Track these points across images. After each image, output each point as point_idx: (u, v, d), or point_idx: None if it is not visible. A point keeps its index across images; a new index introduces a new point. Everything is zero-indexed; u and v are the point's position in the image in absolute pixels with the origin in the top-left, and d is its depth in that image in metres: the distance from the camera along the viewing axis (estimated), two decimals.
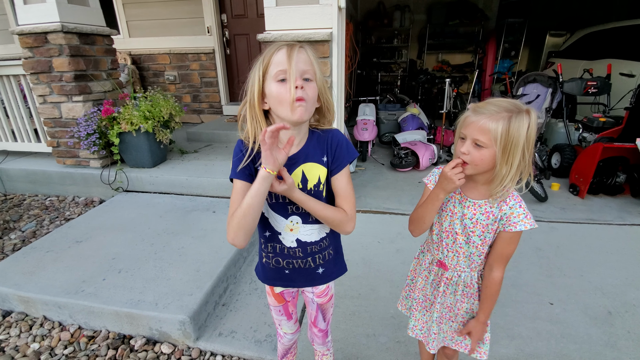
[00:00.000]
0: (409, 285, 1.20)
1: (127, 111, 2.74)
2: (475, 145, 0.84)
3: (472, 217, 0.93)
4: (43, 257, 1.98)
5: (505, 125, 0.80)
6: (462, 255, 0.99)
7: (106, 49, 2.98)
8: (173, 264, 1.90)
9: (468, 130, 0.85)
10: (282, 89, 0.75)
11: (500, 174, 0.84)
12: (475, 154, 0.84)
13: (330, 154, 0.88)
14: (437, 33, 7.24)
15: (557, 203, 2.83)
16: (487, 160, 0.84)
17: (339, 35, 2.27)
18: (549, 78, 3.94)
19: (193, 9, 4.43)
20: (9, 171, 3.10)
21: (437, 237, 1.03)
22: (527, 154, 0.83)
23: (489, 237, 0.94)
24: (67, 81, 2.70)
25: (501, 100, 0.84)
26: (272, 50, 0.77)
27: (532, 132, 0.82)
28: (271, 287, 1.05)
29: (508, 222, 0.90)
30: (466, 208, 0.94)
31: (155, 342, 1.61)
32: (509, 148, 0.81)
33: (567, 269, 1.98)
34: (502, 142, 0.81)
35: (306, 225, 0.92)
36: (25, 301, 1.72)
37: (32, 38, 2.56)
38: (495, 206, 0.91)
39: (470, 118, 0.85)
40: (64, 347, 1.58)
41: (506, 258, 0.94)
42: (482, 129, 0.82)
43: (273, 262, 0.98)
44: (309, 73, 0.77)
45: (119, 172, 2.87)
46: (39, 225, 2.58)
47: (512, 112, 0.81)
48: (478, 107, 0.85)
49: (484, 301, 0.99)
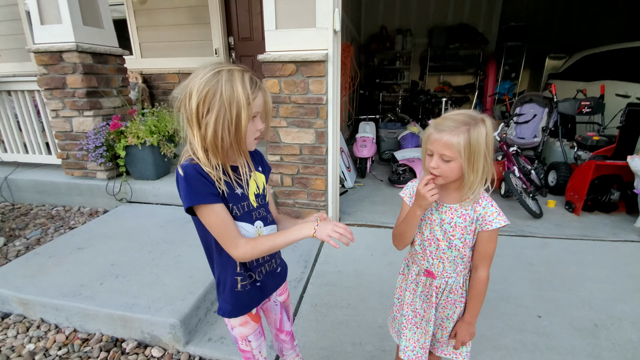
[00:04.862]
0: (397, 305, 1.19)
1: (134, 125, 2.88)
2: (442, 160, 0.90)
3: (451, 221, 0.98)
4: (45, 262, 2.05)
5: (466, 137, 0.87)
6: (446, 261, 1.02)
7: (118, 68, 3.16)
8: (169, 271, 1.95)
9: (434, 146, 0.91)
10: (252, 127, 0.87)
11: (469, 181, 0.92)
12: (444, 167, 0.91)
13: (262, 165, 1.03)
14: (438, 56, 7.45)
15: (552, 220, 2.84)
16: (455, 171, 0.91)
17: (335, 56, 2.40)
18: (545, 98, 4.04)
19: (202, 32, 4.67)
20: (18, 181, 3.23)
21: (420, 246, 1.06)
22: (489, 157, 0.91)
23: (468, 238, 0.98)
24: (79, 97, 2.86)
25: (457, 114, 0.91)
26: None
27: (490, 138, 0.90)
28: (249, 313, 1.01)
29: (484, 221, 0.96)
30: (443, 213, 0.99)
31: (147, 346, 1.64)
32: (472, 157, 0.88)
33: (557, 284, 1.98)
34: (465, 153, 0.88)
35: (267, 227, 0.99)
36: (24, 303, 1.79)
37: (47, 56, 2.75)
38: (469, 208, 0.97)
39: (434, 135, 0.91)
40: (58, 348, 1.63)
41: (489, 257, 0.99)
42: (446, 144, 0.88)
43: (249, 282, 0.97)
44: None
45: (123, 183, 2.98)
46: (44, 233, 2.67)
47: (470, 124, 0.88)
48: (438, 124, 0.91)
49: (471, 301, 1.02)
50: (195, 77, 0.81)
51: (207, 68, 0.82)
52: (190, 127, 0.83)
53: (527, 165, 3.52)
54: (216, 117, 0.78)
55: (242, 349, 1.04)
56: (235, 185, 0.89)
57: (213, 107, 0.78)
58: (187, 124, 0.83)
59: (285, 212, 2.78)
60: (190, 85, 0.81)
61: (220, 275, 0.96)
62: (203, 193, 0.82)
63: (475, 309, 1.02)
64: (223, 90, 0.78)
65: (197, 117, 0.80)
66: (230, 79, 0.79)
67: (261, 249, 0.87)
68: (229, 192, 0.87)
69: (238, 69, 0.82)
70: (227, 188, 0.86)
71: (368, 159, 4.17)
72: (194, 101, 0.79)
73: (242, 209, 0.91)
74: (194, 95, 0.79)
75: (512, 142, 4.00)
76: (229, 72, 0.80)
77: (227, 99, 0.78)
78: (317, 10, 2.26)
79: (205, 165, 0.83)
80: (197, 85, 0.79)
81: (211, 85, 0.78)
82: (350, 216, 2.96)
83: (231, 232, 0.85)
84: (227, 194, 0.86)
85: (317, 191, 2.67)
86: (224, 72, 0.80)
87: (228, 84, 0.78)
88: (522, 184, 3.10)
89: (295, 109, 2.48)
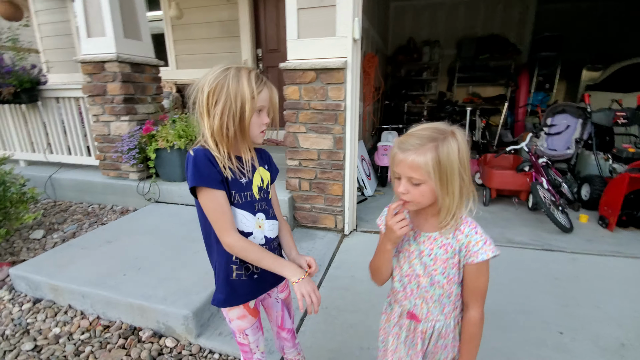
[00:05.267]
0: (381, 350, 1.04)
1: (164, 130, 3.06)
2: (411, 183, 0.78)
3: (430, 253, 0.85)
4: (76, 254, 2.21)
5: (434, 156, 0.75)
6: (430, 301, 0.88)
7: (153, 77, 3.39)
8: (186, 266, 2.04)
9: (399, 168, 0.79)
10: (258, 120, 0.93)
11: (445, 205, 0.79)
12: (414, 192, 0.79)
13: (268, 164, 1.08)
14: (467, 67, 7.32)
15: (582, 234, 2.68)
16: (427, 195, 0.79)
17: (354, 64, 2.44)
18: (579, 108, 3.86)
19: (233, 45, 4.91)
20: (61, 180, 3.51)
21: (399, 283, 0.92)
22: (465, 175, 0.79)
23: (452, 273, 0.85)
24: (117, 103, 3.09)
25: (423, 129, 0.80)
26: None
27: (464, 152, 0.78)
28: (246, 305, 1.02)
29: (468, 252, 0.82)
30: (422, 244, 0.86)
31: (161, 336, 1.72)
32: (445, 178, 0.76)
33: (583, 299, 1.86)
34: (436, 174, 0.76)
35: (269, 220, 1.02)
36: (55, 289, 1.93)
37: (92, 66, 3.01)
38: (451, 237, 0.83)
39: (398, 155, 0.79)
40: (81, 333, 1.74)
41: (479, 294, 0.85)
42: (412, 166, 0.76)
43: (245, 272, 0.98)
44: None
45: (152, 184, 3.16)
46: (79, 227, 2.88)
47: (437, 140, 0.76)
48: (402, 142, 0.80)
49: (464, 346, 0.88)
50: (208, 74, 0.90)
51: (218, 67, 0.91)
52: (201, 117, 0.91)
53: (557, 177, 3.36)
54: (222, 108, 0.87)
55: (240, 342, 1.06)
56: (239, 174, 0.94)
57: (220, 98, 0.86)
58: (199, 115, 0.92)
59: (302, 216, 2.82)
60: (203, 81, 0.89)
61: (216, 263, 0.99)
62: (208, 177, 0.88)
63: (469, 355, 0.88)
64: (230, 84, 0.86)
65: (207, 108, 0.88)
66: (237, 75, 0.88)
67: (250, 254, 0.92)
68: (232, 178, 0.92)
69: (245, 67, 0.91)
70: (232, 174, 0.92)
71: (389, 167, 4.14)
72: (204, 94, 0.88)
73: (244, 198, 0.96)
74: (205, 88, 0.87)
75: (542, 153, 3.83)
76: (236, 69, 0.89)
77: (233, 92, 0.86)
78: (337, 19, 2.33)
79: (214, 151, 0.90)
80: (208, 81, 0.88)
81: (220, 79, 0.87)
82: (367, 223, 2.94)
83: (227, 220, 0.90)
84: (230, 179, 0.92)
85: (334, 196, 2.69)
86: (232, 69, 0.89)
87: (235, 79, 0.87)
88: (550, 196, 2.96)
89: (314, 115, 2.54)
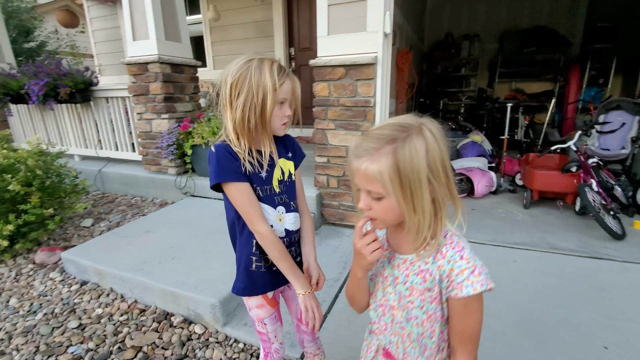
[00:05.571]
0: None
1: (200, 127, 3.20)
2: (372, 197, 0.63)
3: (405, 280, 0.69)
4: (119, 241, 2.38)
5: (390, 162, 0.58)
6: (407, 340, 0.71)
7: (191, 77, 3.55)
8: (217, 257, 2.12)
9: (356, 179, 0.65)
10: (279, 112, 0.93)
11: (414, 225, 0.62)
12: (377, 207, 0.64)
13: (292, 151, 1.06)
14: (509, 61, 6.90)
15: (637, 242, 2.42)
16: (392, 211, 0.63)
17: (384, 59, 2.40)
18: (636, 104, 3.51)
19: (266, 44, 5.02)
20: (109, 174, 3.79)
21: (374, 313, 0.78)
22: (439, 182, 0.61)
23: (432, 308, 0.67)
24: (158, 102, 3.28)
25: (383, 127, 0.63)
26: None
27: (435, 152, 0.60)
28: (264, 294, 1.03)
29: (450, 283, 0.64)
30: (396, 268, 0.71)
31: (191, 322, 1.80)
32: (408, 190, 0.59)
33: (633, 313, 1.69)
34: (395, 186, 0.59)
35: (289, 213, 1.02)
36: (99, 273, 2.09)
37: (136, 67, 3.21)
38: (430, 261, 0.66)
39: (352, 164, 0.64)
40: (120, 314, 1.87)
41: (468, 338, 0.66)
42: (366, 177, 0.61)
43: (264, 264, 0.99)
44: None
45: (189, 179, 3.32)
46: (123, 218, 3.09)
47: (397, 141, 0.59)
48: (356, 146, 0.64)
49: None
50: (231, 66, 0.90)
51: (241, 58, 0.91)
52: (224, 109, 0.92)
53: (609, 179, 3.07)
54: (244, 99, 0.87)
55: (259, 330, 1.09)
56: (258, 168, 0.95)
57: (242, 90, 0.87)
58: (223, 107, 0.92)
59: (330, 213, 2.82)
60: (226, 72, 0.90)
61: (239, 254, 1.02)
62: (230, 171, 0.90)
63: None
64: (252, 76, 0.86)
65: (230, 100, 0.89)
66: (260, 67, 0.87)
67: (274, 251, 0.94)
68: (253, 172, 0.94)
69: (268, 59, 0.90)
70: (252, 168, 0.93)
71: None
72: (228, 85, 0.88)
73: (265, 191, 0.97)
74: (229, 80, 0.88)
75: (592, 153, 3.53)
76: (259, 60, 0.89)
77: (255, 83, 0.86)
78: (368, 14, 2.30)
79: (235, 146, 0.91)
80: (231, 73, 0.89)
81: (242, 71, 0.87)
82: None
83: (257, 210, 0.92)
84: (251, 174, 0.93)
85: None
86: (254, 61, 0.88)
87: (257, 70, 0.87)
88: (601, 199, 2.71)
89: (343, 112, 2.53)
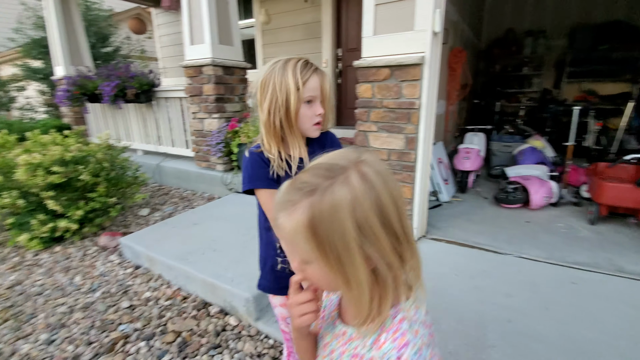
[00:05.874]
0: None
1: (246, 127, 3.34)
2: (301, 259, 0.53)
3: (339, 359, 0.59)
4: (169, 231, 2.56)
5: (304, 221, 0.46)
6: None
7: (240, 79, 3.72)
8: (254, 253, 2.15)
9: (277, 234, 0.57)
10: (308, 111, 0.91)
11: (350, 299, 0.52)
12: (308, 271, 0.53)
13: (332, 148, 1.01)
14: (580, 59, 6.22)
15: None
16: (323, 279, 0.52)
17: (433, 59, 2.29)
18: None
19: (314, 46, 5.08)
20: (165, 168, 4.11)
21: None
22: (377, 246, 0.47)
23: None
24: (210, 102, 3.48)
25: (310, 168, 0.51)
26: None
27: (366, 205, 0.46)
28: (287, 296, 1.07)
29: None
30: (335, 339, 0.61)
31: (227, 314, 1.88)
32: (331, 257, 0.47)
33: None
34: (313, 252, 0.48)
35: None
36: (150, 259, 2.27)
37: (192, 69, 3.44)
38: (368, 345, 0.53)
39: (278, 217, 0.52)
40: (165, 299, 2.01)
41: None
42: (283, 235, 0.51)
43: (289, 266, 1.00)
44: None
45: (234, 176, 3.47)
46: (175, 209, 3.33)
47: (316, 191, 0.47)
48: (281, 192, 0.52)
49: None
50: (261, 71, 0.93)
51: (271, 61, 0.93)
52: (258, 112, 0.95)
53: None
54: (270, 101, 0.89)
55: (282, 329, 1.11)
56: (289, 172, 0.96)
57: (267, 92, 0.89)
58: (257, 110, 0.95)
59: None
60: (258, 76, 0.94)
61: (265, 253, 1.05)
62: (262, 177, 0.93)
63: None
64: (276, 77, 0.88)
65: (260, 102, 0.92)
66: (283, 67, 0.89)
67: None
68: (284, 176, 0.95)
69: (295, 58, 0.91)
70: (282, 173, 0.95)
71: (471, 173, 3.78)
72: (257, 90, 0.91)
73: None
74: (258, 85, 0.91)
75: None
76: (284, 61, 0.90)
77: (278, 84, 0.88)
78: (416, 12, 2.21)
79: (267, 152, 0.93)
80: (261, 77, 0.92)
81: (267, 73, 0.90)
82: (439, 230, 2.74)
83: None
84: (282, 177, 0.95)
85: None
86: (280, 62, 0.90)
87: (280, 71, 0.89)
88: None
89: (386, 114, 2.47)
